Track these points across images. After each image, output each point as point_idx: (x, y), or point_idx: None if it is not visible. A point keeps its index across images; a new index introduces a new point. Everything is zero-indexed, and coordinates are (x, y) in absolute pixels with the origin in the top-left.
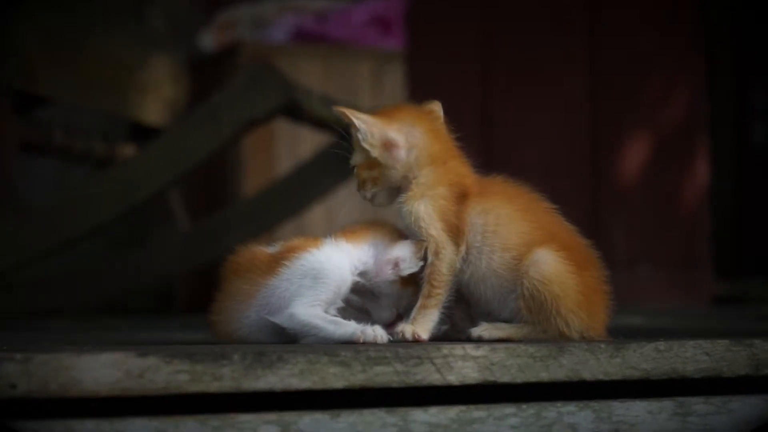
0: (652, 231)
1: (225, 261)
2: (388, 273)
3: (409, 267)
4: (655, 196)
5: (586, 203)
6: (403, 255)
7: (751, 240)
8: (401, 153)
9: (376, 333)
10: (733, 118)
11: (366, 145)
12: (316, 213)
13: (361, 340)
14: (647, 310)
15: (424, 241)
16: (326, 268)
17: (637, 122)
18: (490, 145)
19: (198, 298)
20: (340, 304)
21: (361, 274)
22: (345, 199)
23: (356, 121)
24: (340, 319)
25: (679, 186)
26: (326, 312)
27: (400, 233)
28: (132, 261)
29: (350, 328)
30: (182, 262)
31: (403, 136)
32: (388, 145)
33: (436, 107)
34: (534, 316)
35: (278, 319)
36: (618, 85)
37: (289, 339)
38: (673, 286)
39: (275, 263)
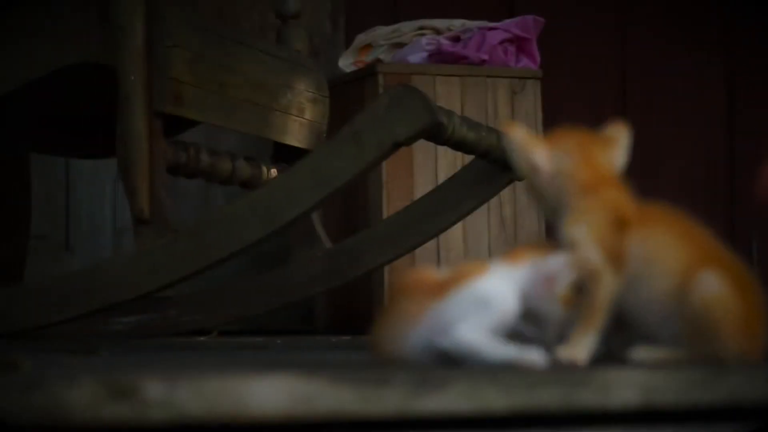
0: None
1: (392, 282)
2: (545, 293)
3: (563, 282)
4: None
5: (723, 221)
6: (555, 271)
7: None
8: (546, 178)
9: (535, 356)
10: None
11: (515, 166)
12: (455, 231)
13: (520, 364)
14: None
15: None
16: (494, 298)
17: None
18: (627, 163)
19: (339, 318)
20: (504, 333)
21: (524, 299)
22: (483, 218)
23: (509, 139)
24: (499, 343)
25: None
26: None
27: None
28: (275, 280)
29: (509, 351)
30: (323, 282)
31: (548, 163)
32: (534, 169)
33: (619, 133)
34: (693, 340)
35: (440, 341)
36: (755, 102)
37: (450, 362)
38: None
39: (444, 288)
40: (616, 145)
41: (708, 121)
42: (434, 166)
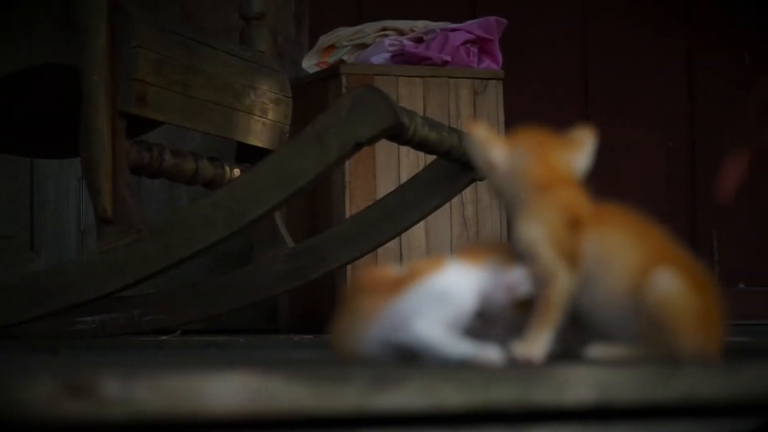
0: (751, 249)
1: (350, 281)
2: (503, 299)
3: (523, 293)
4: (753, 213)
5: (684, 221)
6: (517, 281)
7: None
8: (502, 175)
9: (493, 354)
10: None
11: (475, 162)
12: (417, 230)
13: (478, 361)
14: (754, 328)
15: (540, 267)
16: (452, 292)
17: (735, 139)
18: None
19: (302, 317)
20: (460, 328)
21: (480, 299)
22: (445, 217)
23: (469, 136)
24: (457, 339)
25: None
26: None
27: (519, 256)
28: (238, 279)
29: (467, 348)
30: (287, 282)
31: (505, 159)
32: (490, 166)
33: (584, 136)
34: (651, 337)
35: (399, 337)
36: (717, 102)
37: (408, 358)
38: None
39: (401, 284)
40: (579, 148)
41: (669, 121)
42: (397, 165)
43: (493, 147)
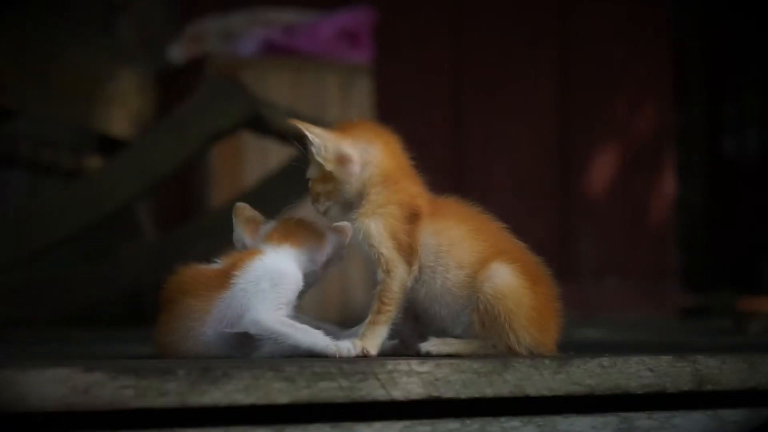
0: (621, 243)
1: (166, 283)
2: (321, 271)
3: (338, 261)
4: (623, 207)
5: (555, 215)
6: (333, 252)
7: (721, 251)
8: (355, 168)
9: (347, 346)
10: (704, 131)
11: (320, 159)
12: None
13: (334, 354)
14: (611, 322)
15: (347, 234)
16: (281, 270)
17: (606, 134)
18: (459, 156)
19: None
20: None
21: (305, 275)
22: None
23: (310, 135)
24: (309, 328)
25: (648, 198)
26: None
27: (319, 228)
28: (99, 272)
29: (321, 339)
30: (149, 274)
31: (357, 152)
32: (342, 160)
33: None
34: (486, 331)
35: (241, 327)
36: (587, 98)
37: (249, 351)
38: (642, 298)
39: (225, 277)
40: (397, 139)
41: (541, 116)
42: (265, 157)
43: (344, 142)
